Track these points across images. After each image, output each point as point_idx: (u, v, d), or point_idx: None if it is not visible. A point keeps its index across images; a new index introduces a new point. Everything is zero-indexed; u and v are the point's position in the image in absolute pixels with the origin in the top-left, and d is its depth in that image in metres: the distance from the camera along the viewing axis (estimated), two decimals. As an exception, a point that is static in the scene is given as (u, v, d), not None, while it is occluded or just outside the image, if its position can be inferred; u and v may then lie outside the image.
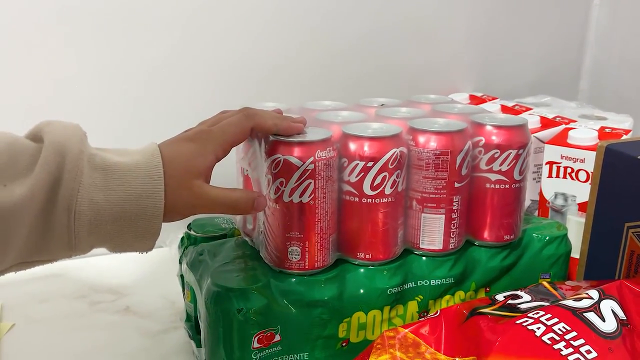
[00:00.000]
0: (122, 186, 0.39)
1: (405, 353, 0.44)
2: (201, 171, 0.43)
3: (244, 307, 0.46)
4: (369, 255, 0.50)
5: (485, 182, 0.53)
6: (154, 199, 0.40)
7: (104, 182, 0.39)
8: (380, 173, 0.48)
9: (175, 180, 0.41)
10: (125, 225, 0.40)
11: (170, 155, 0.42)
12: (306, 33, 0.81)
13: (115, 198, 0.39)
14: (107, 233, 0.40)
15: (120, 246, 0.41)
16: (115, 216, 0.39)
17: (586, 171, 0.65)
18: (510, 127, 0.53)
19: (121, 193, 0.39)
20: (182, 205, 0.42)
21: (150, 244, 0.42)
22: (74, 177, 0.38)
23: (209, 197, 0.43)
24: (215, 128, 0.45)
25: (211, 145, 0.43)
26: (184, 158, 0.42)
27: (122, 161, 0.40)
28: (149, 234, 0.41)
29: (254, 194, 0.46)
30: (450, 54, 0.91)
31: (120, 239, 0.40)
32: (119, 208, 0.39)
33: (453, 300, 0.54)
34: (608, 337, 0.41)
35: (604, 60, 1.00)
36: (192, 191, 0.42)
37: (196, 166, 0.42)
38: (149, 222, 0.40)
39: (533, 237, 0.57)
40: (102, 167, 0.39)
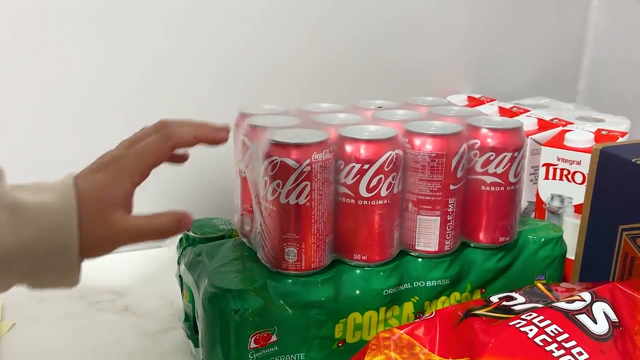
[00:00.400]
0: (33, 224, 0.37)
1: (400, 354, 0.44)
2: (118, 202, 0.40)
3: (240, 307, 0.47)
4: (365, 257, 0.51)
5: (481, 185, 0.54)
6: (66, 235, 0.38)
7: (11, 223, 0.37)
8: (376, 175, 0.49)
9: (89, 215, 0.39)
10: (38, 264, 0.38)
11: (83, 188, 0.39)
12: (303, 35, 0.81)
13: (22, 238, 0.37)
14: (20, 271, 0.38)
15: (38, 285, 0.39)
16: (26, 256, 0.37)
17: (582, 173, 0.66)
18: (506, 130, 0.53)
19: (31, 231, 0.37)
20: (101, 241, 0.40)
21: (72, 282, 0.40)
22: None
23: (131, 229, 0.40)
24: (132, 152, 0.42)
25: (127, 172, 0.41)
26: (97, 190, 0.40)
27: (35, 200, 0.38)
28: (66, 272, 0.39)
29: (177, 215, 0.43)
30: (448, 55, 0.91)
31: (36, 278, 0.39)
32: (28, 246, 0.37)
33: (449, 301, 0.54)
34: (600, 339, 0.41)
35: (603, 61, 1.01)
36: (110, 225, 0.39)
37: (111, 197, 0.40)
38: (65, 261, 0.38)
39: (529, 238, 0.57)
40: (10, 206, 0.37)
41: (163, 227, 0.42)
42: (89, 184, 0.40)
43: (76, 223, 0.38)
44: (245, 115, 0.55)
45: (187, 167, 0.79)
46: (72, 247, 0.38)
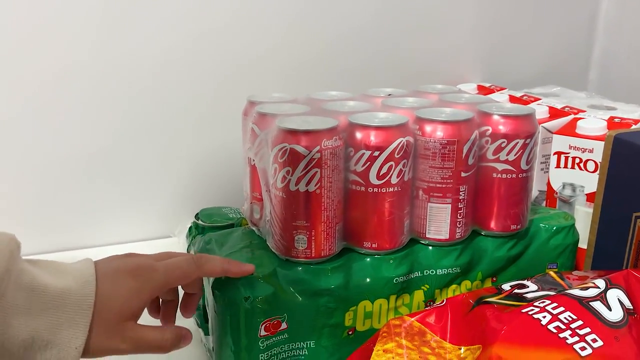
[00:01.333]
0: (46, 312, 0.37)
1: (411, 341, 0.44)
2: (135, 312, 0.41)
3: (250, 295, 0.46)
4: (375, 245, 0.50)
5: (492, 172, 0.53)
6: (74, 333, 0.37)
7: (27, 305, 0.36)
8: (387, 162, 0.48)
9: (106, 322, 0.39)
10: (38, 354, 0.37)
11: (107, 292, 0.39)
12: (312, 23, 0.81)
13: (32, 323, 0.36)
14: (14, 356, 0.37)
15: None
16: (27, 341, 0.36)
17: (594, 161, 0.65)
18: (518, 116, 0.52)
19: (41, 319, 0.37)
20: (108, 348, 0.40)
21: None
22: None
23: (140, 340, 0.41)
24: (161, 266, 0.42)
25: (150, 285, 0.41)
26: (120, 299, 0.40)
27: (52, 283, 0.38)
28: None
29: (181, 331, 0.44)
30: (458, 44, 0.91)
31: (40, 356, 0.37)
32: (35, 334, 0.36)
33: (459, 289, 0.54)
34: (614, 326, 0.41)
35: (614, 50, 0.99)
36: (124, 335, 0.40)
37: (131, 308, 0.40)
38: (67, 353, 0.37)
39: (540, 227, 0.57)
40: (28, 287, 0.37)
41: (166, 342, 0.43)
42: (112, 291, 0.40)
43: (88, 324, 0.38)
44: (254, 103, 0.55)
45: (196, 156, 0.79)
46: (77, 347, 0.38)
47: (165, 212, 0.79)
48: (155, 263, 0.43)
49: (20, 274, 0.37)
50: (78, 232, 0.76)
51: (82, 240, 0.76)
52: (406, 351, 0.43)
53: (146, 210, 0.78)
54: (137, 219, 0.78)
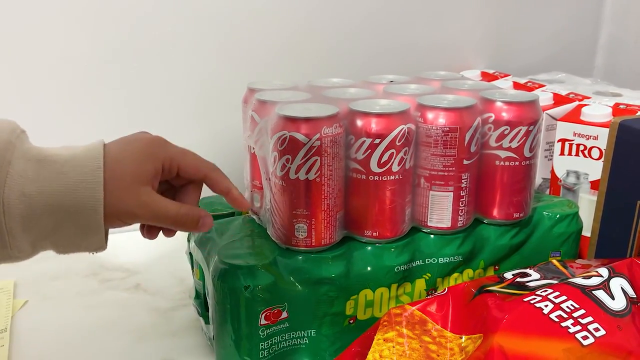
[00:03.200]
0: (58, 177, 0.37)
1: (412, 330, 0.44)
2: (149, 178, 0.40)
3: (251, 284, 0.46)
4: (376, 233, 0.50)
5: (495, 159, 0.52)
6: (92, 191, 0.37)
7: (37, 174, 0.37)
8: (388, 150, 0.48)
9: (121, 183, 0.39)
10: (63, 219, 0.37)
11: (118, 154, 0.39)
12: (314, 9, 0.80)
13: (49, 189, 0.37)
14: (44, 228, 0.37)
15: (63, 245, 0.39)
16: (51, 209, 0.37)
17: (599, 148, 0.64)
18: (521, 103, 0.52)
19: (56, 184, 0.37)
20: (125, 211, 0.39)
21: (97, 242, 0.39)
22: (0, 166, 0.36)
23: (156, 207, 0.41)
24: (177, 146, 0.43)
25: (163, 153, 0.42)
26: (133, 162, 0.40)
27: (60, 153, 0.38)
28: (91, 230, 0.38)
29: (201, 212, 0.44)
30: (461, 29, 0.89)
31: (60, 235, 0.38)
32: (54, 200, 0.37)
33: (461, 278, 0.53)
34: (617, 315, 0.40)
35: (620, 36, 0.98)
36: (139, 198, 0.40)
37: (145, 171, 0.40)
38: (89, 217, 0.38)
39: (543, 215, 0.56)
40: (36, 158, 0.37)
41: (184, 217, 0.42)
42: (124, 152, 0.40)
43: (102, 180, 0.38)
44: (253, 91, 0.54)
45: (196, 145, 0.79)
46: (97, 203, 0.38)
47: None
48: (172, 143, 0.43)
49: (28, 149, 0.37)
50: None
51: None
52: (407, 340, 0.43)
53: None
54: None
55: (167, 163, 0.42)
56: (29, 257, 0.39)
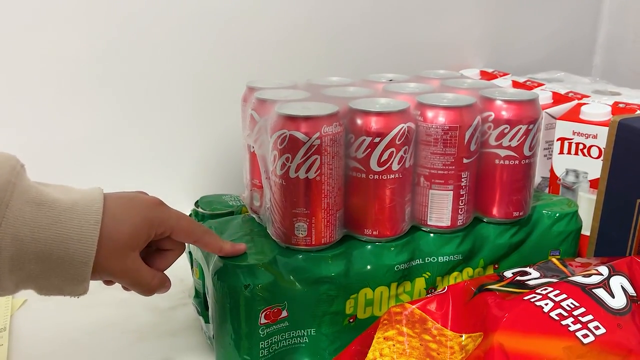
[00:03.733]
0: (54, 225, 0.37)
1: (412, 329, 0.44)
2: (140, 244, 0.41)
3: (250, 283, 0.46)
4: (376, 232, 0.50)
5: (495, 158, 0.52)
6: (86, 246, 0.37)
7: (33, 218, 0.36)
8: (388, 149, 0.48)
9: (116, 245, 0.39)
10: (50, 267, 0.37)
11: (117, 213, 0.40)
12: (313, 8, 0.79)
13: (43, 236, 0.36)
14: (31, 273, 0.37)
15: (47, 289, 0.39)
16: (41, 256, 0.37)
17: (598, 147, 0.64)
18: (521, 101, 0.52)
19: (50, 232, 0.36)
20: (108, 271, 0.40)
21: (81, 290, 0.39)
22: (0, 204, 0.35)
23: (136, 276, 0.42)
24: (173, 210, 0.43)
25: (162, 222, 0.42)
26: (131, 224, 0.40)
27: (60, 198, 0.38)
28: (77, 279, 0.38)
29: (165, 279, 0.45)
30: (461, 28, 0.89)
31: (45, 281, 0.38)
32: (46, 248, 0.36)
33: (461, 277, 0.53)
34: (617, 314, 0.40)
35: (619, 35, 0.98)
36: (125, 263, 0.40)
37: (139, 237, 0.41)
38: (78, 269, 0.38)
39: (543, 213, 0.56)
40: (35, 201, 0.37)
41: (153, 286, 0.44)
42: (126, 215, 0.40)
43: (97, 235, 0.38)
44: (253, 89, 0.54)
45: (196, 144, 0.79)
46: (88, 258, 0.38)
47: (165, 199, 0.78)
48: (168, 206, 0.43)
49: (27, 189, 0.37)
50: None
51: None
52: (407, 339, 0.43)
53: (146, 198, 0.78)
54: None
55: (161, 229, 0.42)
56: (10, 294, 0.39)
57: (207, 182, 0.78)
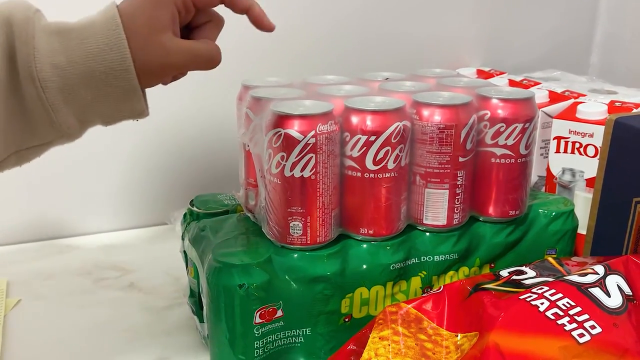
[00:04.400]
0: (82, 44, 0.37)
1: (407, 328, 0.43)
2: (166, 24, 0.40)
3: (245, 282, 0.46)
4: (371, 231, 0.50)
5: (491, 157, 0.52)
6: (118, 51, 0.38)
7: (62, 44, 0.37)
8: (383, 147, 0.47)
9: (141, 37, 0.39)
10: (98, 86, 0.38)
11: (128, 10, 0.39)
12: (309, 6, 0.79)
13: (77, 57, 0.37)
14: (84, 99, 0.38)
15: (107, 114, 0.40)
16: (84, 78, 0.38)
17: (595, 146, 0.64)
18: (517, 100, 0.52)
19: (82, 51, 0.37)
20: (155, 64, 0.40)
21: (138, 106, 0.40)
22: (25, 41, 0.37)
23: (182, 49, 0.41)
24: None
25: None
26: (144, 12, 0.40)
27: (78, 22, 0.39)
28: (128, 92, 0.39)
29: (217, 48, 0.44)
30: (457, 28, 0.89)
31: (101, 104, 0.39)
32: (85, 67, 0.37)
33: (457, 276, 0.53)
34: (613, 313, 0.40)
35: (616, 33, 0.98)
36: (162, 46, 0.40)
37: (159, 19, 0.40)
38: (123, 78, 0.38)
39: (539, 212, 0.56)
40: (56, 31, 0.38)
41: (215, 51, 0.43)
42: (133, 7, 0.40)
43: (124, 38, 0.38)
44: (248, 88, 0.54)
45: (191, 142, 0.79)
46: (126, 63, 0.38)
47: (161, 198, 0.78)
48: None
49: (47, 24, 0.38)
50: (72, 220, 0.76)
51: (77, 228, 0.76)
52: (402, 338, 0.43)
53: (141, 197, 0.78)
54: (132, 206, 0.78)
55: (180, 3, 0.41)
56: (79, 134, 0.40)
57: (203, 181, 0.78)
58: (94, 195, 0.76)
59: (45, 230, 0.74)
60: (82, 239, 0.75)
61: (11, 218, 0.73)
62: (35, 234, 0.74)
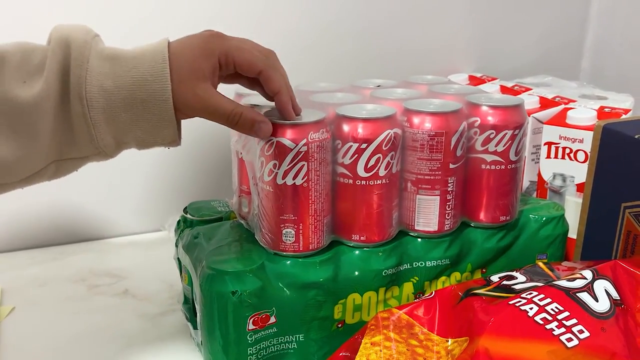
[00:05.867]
0: (129, 72, 0.41)
1: (399, 334, 0.44)
2: (206, 75, 0.43)
3: (238, 289, 0.46)
4: (363, 237, 0.50)
5: (481, 163, 0.53)
6: (160, 82, 0.41)
7: (112, 70, 0.41)
8: (374, 155, 0.48)
9: (182, 77, 0.42)
10: (138, 112, 0.41)
11: (177, 50, 0.43)
12: (301, 13, 0.80)
13: (123, 83, 0.41)
14: (124, 122, 0.42)
15: (142, 139, 0.43)
16: (127, 102, 0.41)
17: (585, 151, 0.65)
18: (506, 107, 0.52)
19: (128, 79, 0.41)
20: (185, 103, 0.42)
21: (171, 134, 0.43)
22: (80, 64, 0.40)
23: (212, 101, 0.43)
24: (234, 39, 0.45)
25: (219, 48, 0.43)
26: (191, 55, 0.43)
27: (131, 50, 0.42)
28: (164, 120, 0.42)
29: (257, 116, 0.45)
30: (449, 33, 0.90)
31: (138, 128, 0.42)
32: (128, 93, 0.41)
33: (449, 281, 0.54)
34: (601, 317, 0.41)
35: (606, 39, 0.99)
36: (196, 92, 0.42)
37: (202, 69, 0.43)
38: (161, 107, 0.42)
39: (530, 217, 0.57)
40: (110, 56, 0.41)
41: (238, 117, 0.44)
42: (182, 46, 0.43)
43: (168, 72, 0.41)
44: (241, 96, 0.54)
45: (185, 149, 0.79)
46: (166, 94, 0.41)
47: (155, 205, 0.78)
48: (229, 36, 0.45)
49: (102, 49, 0.42)
50: (67, 227, 0.76)
51: (71, 235, 0.76)
52: (394, 344, 0.43)
53: (135, 204, 0.78)
54: (127, 213, 0.78)
55: (223, 58, 0.44)
56: (114, 154, 0.43)
57: (196, 188, 0.78)
58: (88, 203, 0.76)
59: (40, 237, 0.74)
60: (76, 246, 0.75)
61: (4, 225, 0.73)
62: (29, 241, 0.74)
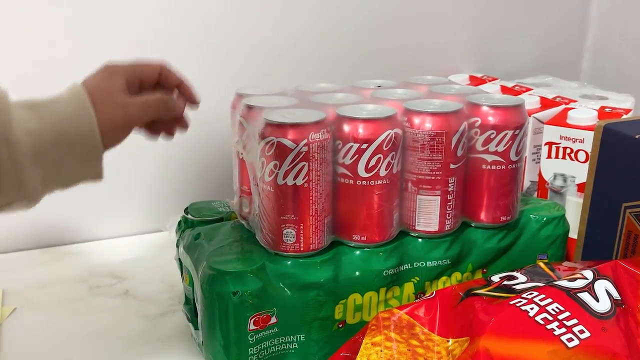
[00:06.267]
0: (52, 112, 0.42)
1: (400, 334, 0.44)
2: (120, 89, 0.46)
3: (239, 289, 0.46)
4: (364, 237, 0.50)
5: (482, 163, 0.53)
6: (85, 114, 0.43)
7: (34, 113, 0.41)
8: (375, 155, 0.48)
9: (102, 100, 0.44)
10: (66, 149, 0.42)
11: (88, 83, 0.46)
12: (301, 14, 0.80)
13: (48, 123, 0.41)
14: (51, 161, 0.42)
15: (69, 176, 0.43)
16: (54, 141, 0.41)
17: (585, 151, 0.65)
18: (507, 107, 0.52)
19: (52, 117, 0.42)
20: (117, 120, 0.45)
21: (97, 169, 0.44)
22: (2, 111, 0.40)
23: (134, 102, 0.46)
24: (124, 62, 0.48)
25: (119, 70, 0.47)
26: (101, 81, 0.46)
27: (45, 97, 0.43)
28: (91, 155, 0.43)
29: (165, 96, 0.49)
30: (449, 34, 0.90)
31: (66, 166, 0.43)
32: (55, 131, 0.42)
33: (449, 281, 0.54)
34: (602, 317, 0.41)
35: (607, 39, 0.99)
36: (119, 104, 0.45)
37: (115, 85, 0.46)
38: (88, 142, 0.43)
39: (530, 218, 0.57)
40: (27, 105, 0.42)
41: (170, 100, 0.49)
42: (91, 81, 0.46)
43: (90, 103, 0.43)
44: (241, 96, 0.54)
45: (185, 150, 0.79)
46: (92, 127, 0.43)
47: (156, 206, 0.78)
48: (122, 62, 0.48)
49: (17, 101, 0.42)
50: (67, 228, 0.76)
51: (72, 236, 0.76)
52: (395, 344, 0.43)
53: (136, 205, 0.78)
54: (127, 214, 0.78)
55: (130, 76, 0.47)
56: (38, 199, 0.43)
57: (197, 189, 0.78)
58: (89, 203, 0.76)
59: (40, 238, 0.75)
60: (77, 247, 0.75)
61: (5, 226, 0.73)
62: (30, 241, 0.74)
